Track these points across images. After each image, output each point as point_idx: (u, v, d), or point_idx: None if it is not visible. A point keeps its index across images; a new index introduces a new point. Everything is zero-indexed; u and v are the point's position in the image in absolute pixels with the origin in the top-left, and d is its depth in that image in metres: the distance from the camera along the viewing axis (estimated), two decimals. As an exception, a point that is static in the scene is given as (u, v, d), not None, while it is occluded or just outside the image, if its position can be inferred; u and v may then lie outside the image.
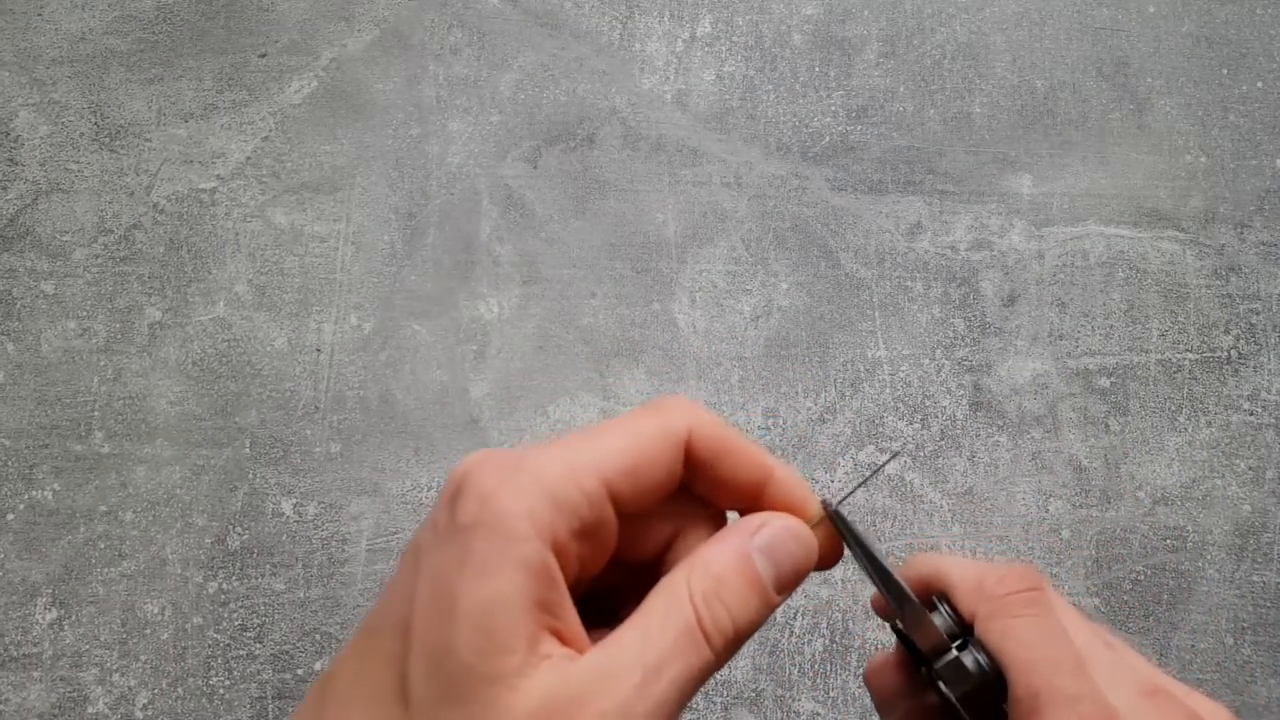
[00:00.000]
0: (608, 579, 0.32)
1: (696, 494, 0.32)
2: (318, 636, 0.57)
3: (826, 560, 0.34)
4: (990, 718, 0.38)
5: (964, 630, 0.39)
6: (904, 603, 0.37)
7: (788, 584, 0.31)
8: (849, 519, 0.36)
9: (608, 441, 0.30)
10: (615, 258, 0.63)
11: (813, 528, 0.33)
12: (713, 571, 0.30)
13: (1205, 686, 0.57)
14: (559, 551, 0.28)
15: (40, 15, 0.67)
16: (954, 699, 0.37)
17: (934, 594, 0.40)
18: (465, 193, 0.65)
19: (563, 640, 0.27)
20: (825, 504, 0.35)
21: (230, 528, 0.59)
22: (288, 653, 0.57)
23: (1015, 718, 0.37)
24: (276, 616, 0.57)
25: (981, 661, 0.38)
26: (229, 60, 0.67)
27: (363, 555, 0.58)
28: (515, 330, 0.62)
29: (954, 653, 0.37)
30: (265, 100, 0.66)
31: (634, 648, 0.28)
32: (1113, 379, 0.60)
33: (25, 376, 0.62)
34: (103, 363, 0.62)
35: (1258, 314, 0.61)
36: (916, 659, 0.39)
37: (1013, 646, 0.36)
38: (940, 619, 0.39)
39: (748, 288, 0.62)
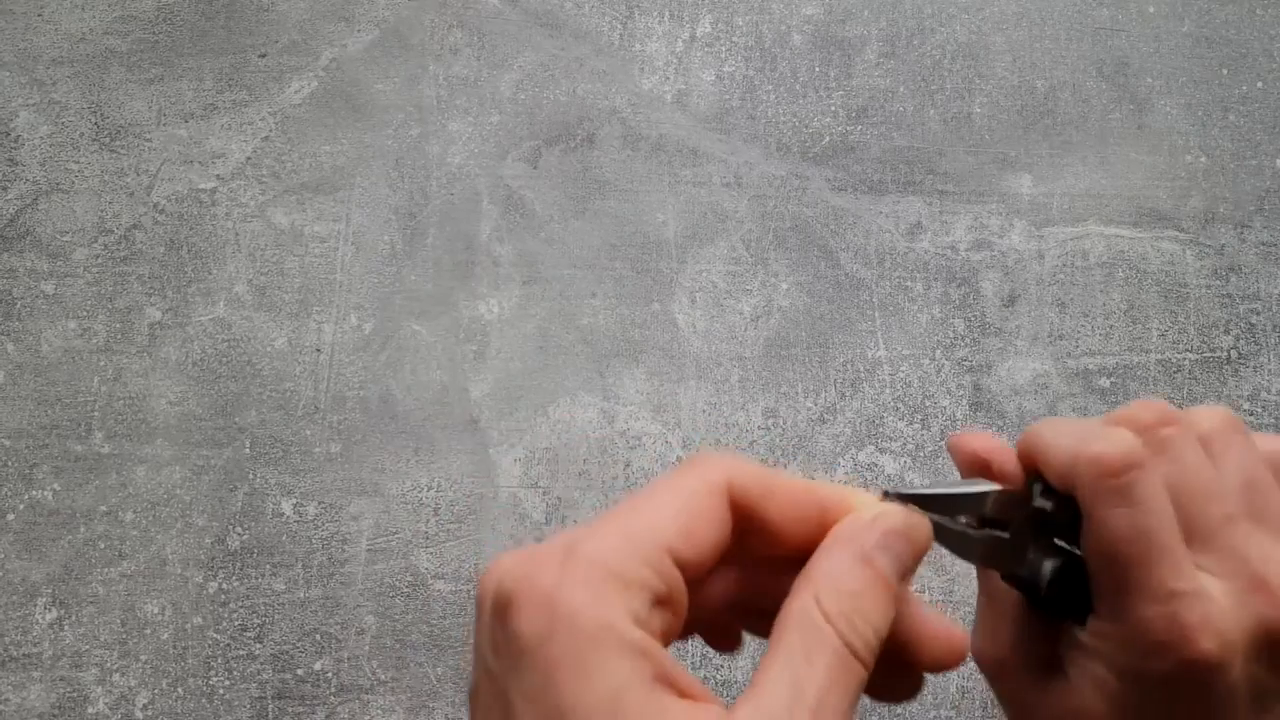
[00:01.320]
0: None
1: (753, 549, 0.31)
2: (318, 636, 0.57)
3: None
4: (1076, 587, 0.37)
5: (1065, 512, 0.37)
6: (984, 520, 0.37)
7: (910, 569, 0.30)
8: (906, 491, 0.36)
9: (656, 508, 0.29)
10: (615, 258, 0.63)
11: None
12: (844, 588, 0.29)
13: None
14: (645, 624, 0.27)
15: (41, 16, 0.67)
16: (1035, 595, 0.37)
17: (1031, 477, 0.38)
18: (465, 193, 0.65)
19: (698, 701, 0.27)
20: (885, 494, 0.35)
21: (230, 528, 0.59)
22: (287, 653, 0.57)
23: (1102, 613, 0.35)
24: (276, 616, 0.57)
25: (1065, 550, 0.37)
26: (229, 60, 0.67)
27: (363, 555, 0.58)
28: (515, 330, 0.62)
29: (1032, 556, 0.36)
30: (265, 100, 0.66)
31: (787, 689, 0.27)
32: (1113, 379, 0.60)
33: (25, 376, 0.62)
34: (103, 363, 0.62)
35: (1257, 314, 0.61)
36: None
37: (1095, 543, 0.35)
38: (1038, 503, 0.37)
39: (748, 288, 0.62)
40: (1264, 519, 0.36)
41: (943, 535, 0.37)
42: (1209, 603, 0.34)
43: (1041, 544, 0.38)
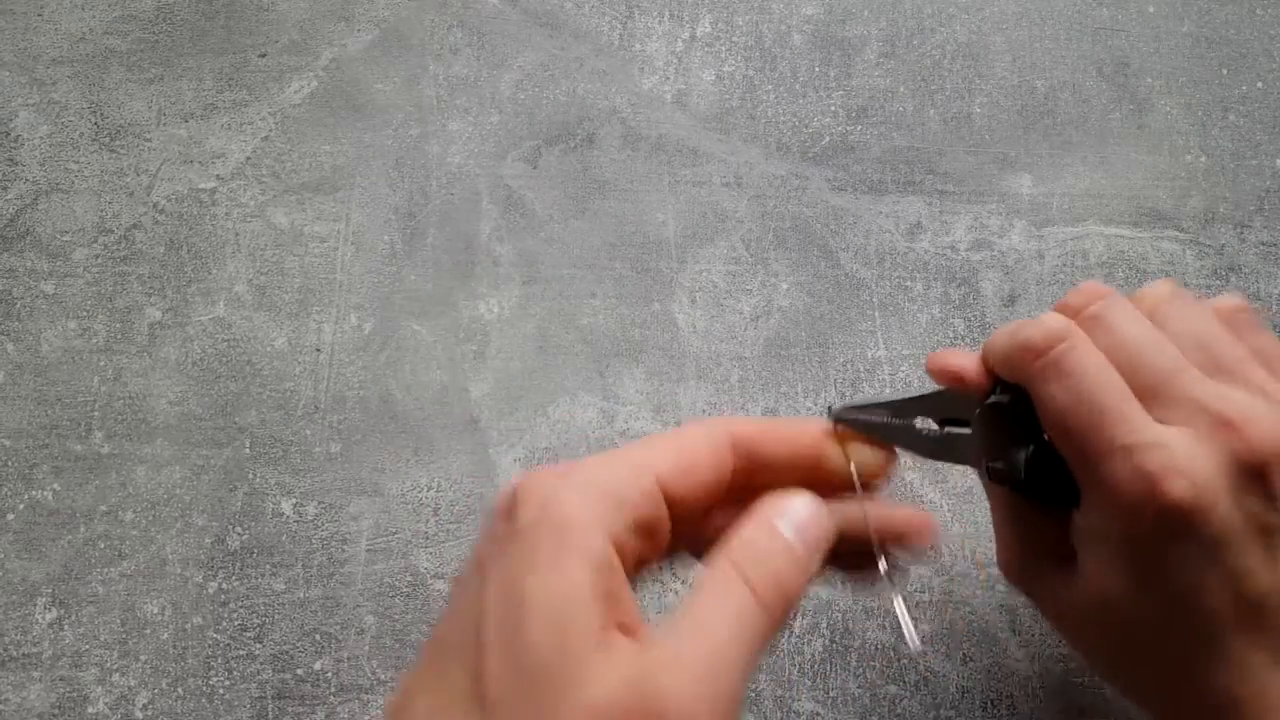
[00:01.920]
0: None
1: (758, 489, 0.34)
2: (318, 636, 0.57)
3: (878, 473, 0.36)
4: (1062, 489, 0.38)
5: (1024, 404, 0.39)
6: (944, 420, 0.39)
7: (813, 544, 0.32)
8: (852, 412, 0.38)
9: (658, 445, 0.32)
10: (615, 258, 0.63)
11: (836, 438, 0.36)
12: (746, 538, 0.31)
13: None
14: (618, 546, 0.29)
15: (40, 15, 0.67)
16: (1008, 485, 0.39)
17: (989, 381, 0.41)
18: (465, 193, 0.65)
19: (626, 631, 0.28)
20: (829, 409, 0.37)
21: (230, 528, 0.59)
22: (287, 653, 0.57)
23: (1082, 477, 0.36)
24: (276, 616, 0.57)
25: (1014, 463, 0.39)
26: (229, 60, 0.67)
27: (362, 555, 0.58)
28: (515, 330, 0.62)
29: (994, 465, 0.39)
30: (265, 100, 0.66)
31: (699, 630, 0.29)
32: (1113, 379, 0.60)
33: (25, 376, 0.62)
34: (103, 363, 0.62)
35: (1258, 314, 0.61)
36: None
37: (1049, 423, 0.37)
38: (995, 398, 0.39)
39: (748, 288, 0.62)
40: (1219, 368, 0.37)
41: (892, 434, 0.39)
42: (1169, 449, 0.35)
43: (1013, 435, 0.39)
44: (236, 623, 0.58)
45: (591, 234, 0.64)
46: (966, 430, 0.40)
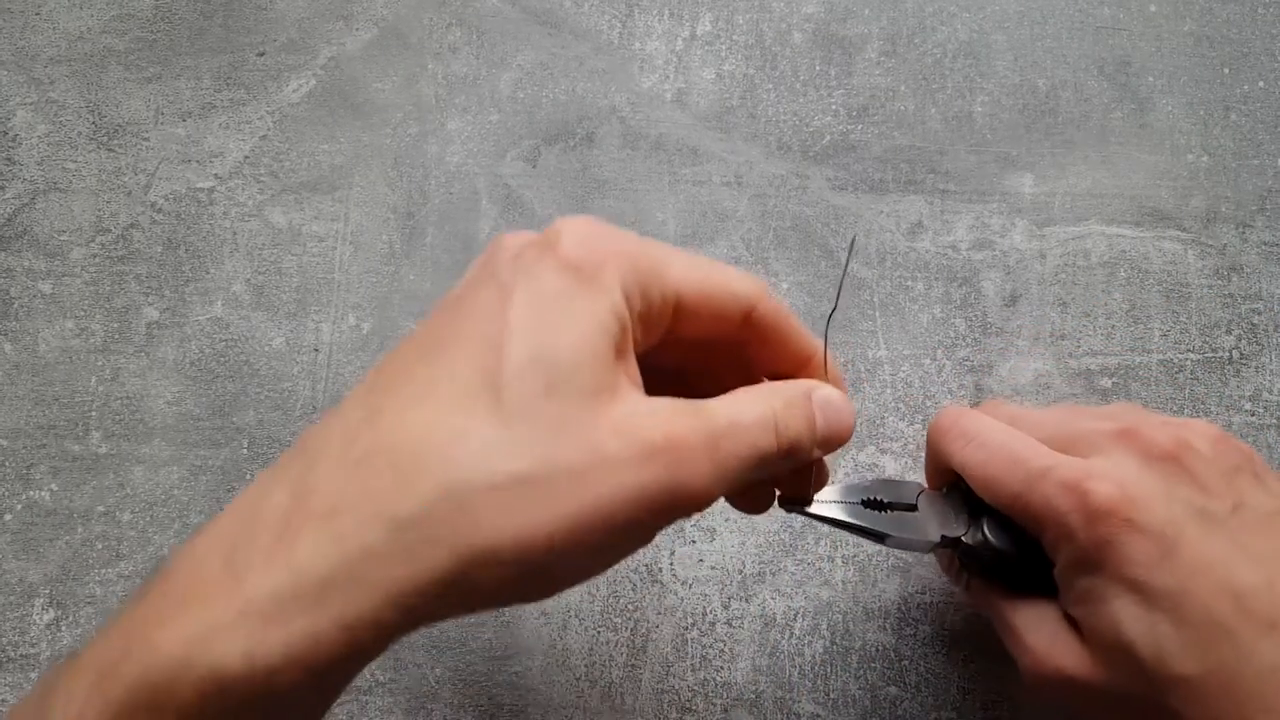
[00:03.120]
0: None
1: (746, 355, 0.36)
2: (316, 638, 0.57)
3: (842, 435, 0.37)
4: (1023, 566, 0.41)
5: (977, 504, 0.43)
6: (863, 535, 0.43)
7: (829, 438, 0.35)
8: (795, 508, 0.42)
9: (696, 262, 0.33)
10: (615, 257, 0.63)
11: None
12: (787, 393, 0.33)
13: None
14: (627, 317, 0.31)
15: (38, 14, 0.67)
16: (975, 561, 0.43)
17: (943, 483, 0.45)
18: (464, 192, 0.65)
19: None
20: (780, 500, 0.42)
21: (228, 528, 0.59)
22: (286, 654, 0.57)
23: (1027, 524, 0.39)
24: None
25: (985, 542, 0.42)
26: (227, 59, 0.67)
27: (361, 556, 0.58)
28: (514, 330, 0.62)
29: (964, 540, 0.42)
30: (263, 99, 0.66)
31: (726, 408, 0.31)
32: (1115, 379, 0.60)
33: (22, 376, 0.61)
34: (100, 363, 0.62)
35: (1259, 314, 0.61)
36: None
37: (975, 481, 0.41)
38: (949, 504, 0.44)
39: (748, 287, 0.62)
40: (1086, 435, 0.39)
41: (851, 530, 0.42)
42: (1084, 463, 0.37)
43: (966, 513, 0.42)
44: (234, 624, 0.57)
45: (591, 233, 0.63)
46: (914, 512, 0.44)
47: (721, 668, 0.56)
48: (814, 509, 0.41)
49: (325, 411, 0.31)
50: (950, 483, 0.44)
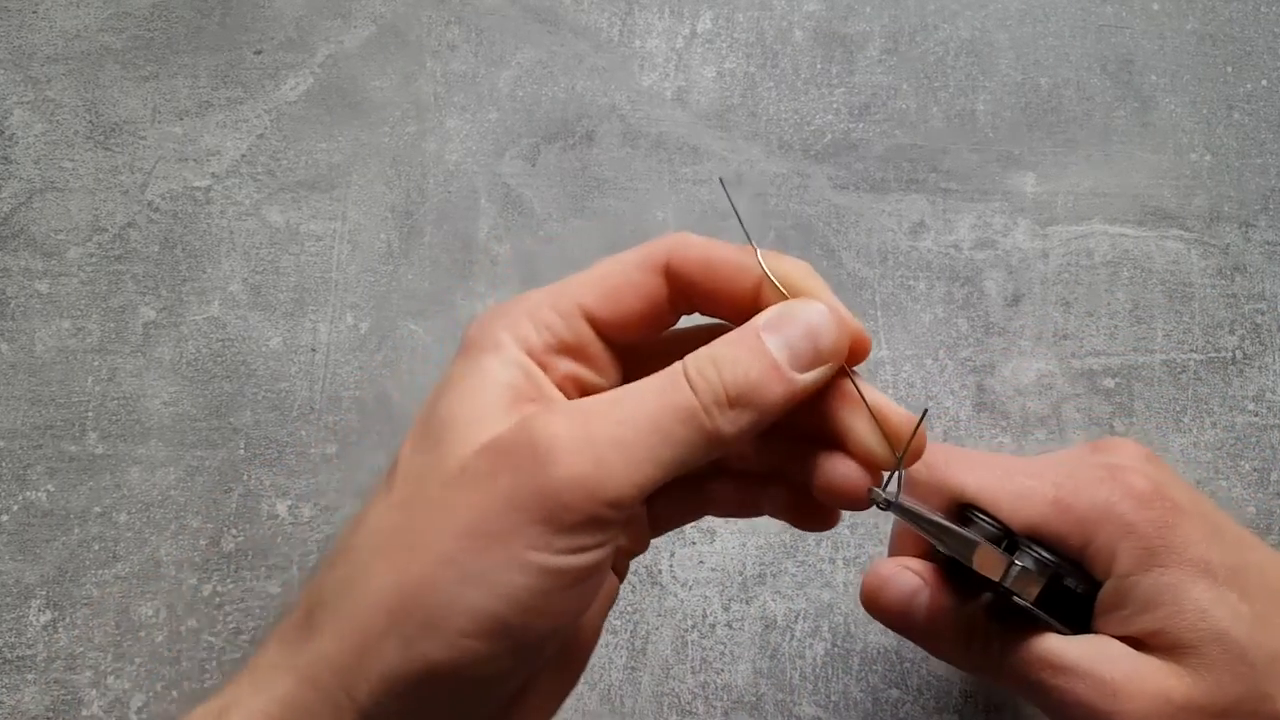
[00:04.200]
0: None
1: (707, 313, 0.33)
2: (313, 640, 0.56)
3: (860, 351, 0.33)
4: (1064, 607, 0.36)
5: (1005, 532, 0.37)
6: (950, 538, 0.35)
7: (804, 356, 0.29)
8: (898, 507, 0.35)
9: (586, 275, 0.32)
10: (614, 257, 0.62)
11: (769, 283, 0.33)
12: (719, 342, 0.29)
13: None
14: (541, 363, 0.30)
15: (35, 13, 0.67)
16: (1031, 604, 0.35)
17: (961, 506, 0.39)
18: (463, 191, 0.64)
19: None
20: (881, 506, 0.34)
21: (225, 530, 0.59)
22: (283, 656, 0.56)
23: (1066, 537, 0.35)
24: (272, 619, 0.57)
25: (1040, 557, 0.36)
26: (224, 57, 0.66)
27: (359, 557, 0.58)
28: (513, 330, 0.61)
29: (1017, 563, 0.35)
30: (261, 98, 0.66)
31: (613, 397, 0.28)
32: (1117, 379, 0.59)
33: (19, 376, 0.61)
34: (97, 363, 0.61)
35: (1262, 314, 0.61)
36: (966, 579, 0.37)
37: (993, 498, 0.36)
38: (981, 529, 0.37)
39: (748, 287, 0.62)
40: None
41: (942, 535, 0.36)
42: (1103, 458, 0.35)
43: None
44: (231, 626, 0.57)
45: (591, 233, 0.63)
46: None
47: (722, 670, 0.56)
48: (910, 506, 0.35)
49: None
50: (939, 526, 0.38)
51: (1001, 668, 0.36)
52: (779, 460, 0.34)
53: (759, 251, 0.33)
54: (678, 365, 0.28)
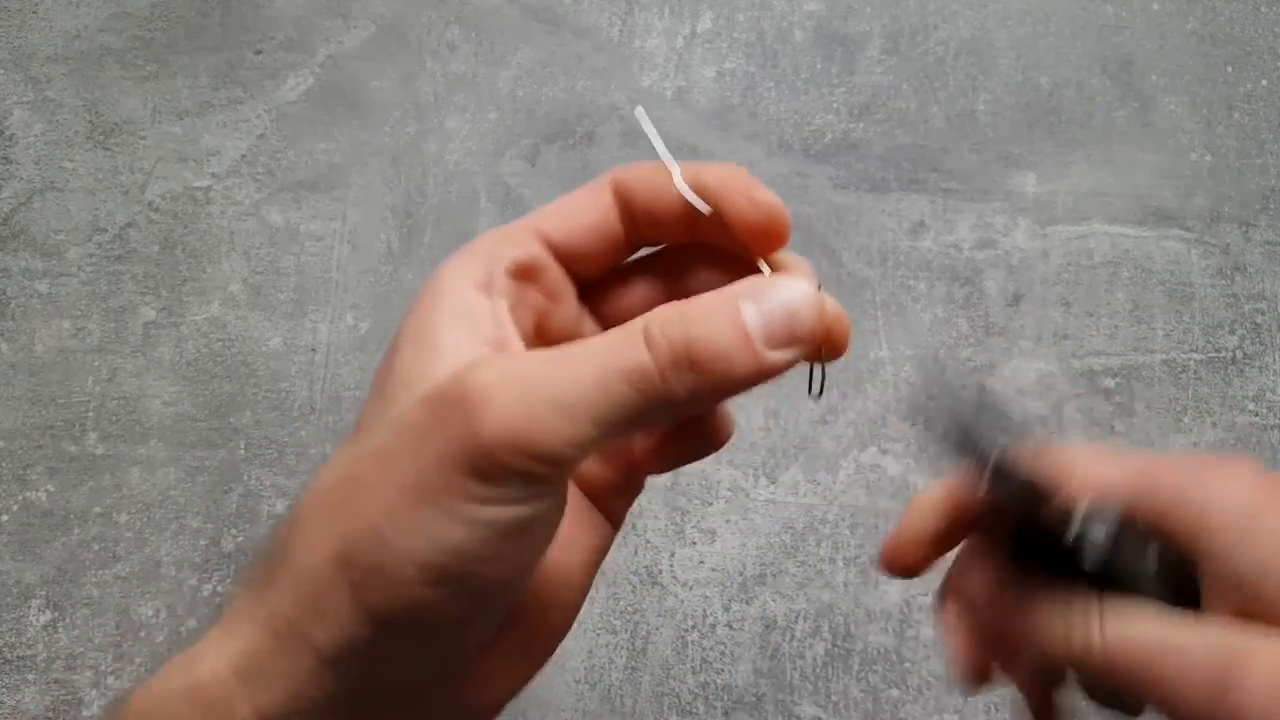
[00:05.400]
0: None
1: (652, 238, 0.32)
2: (314, 640, 0.56)
3: (840, 341, 0.31)
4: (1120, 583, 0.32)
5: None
6: (1006, 476, 0.32)
7: (779, 335, 0.28)
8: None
9: (544, 208, 0.32)
10: (615, 257, 0.63)
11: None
12: (692, 302, 0.28)
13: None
14: (490, 286, 0.30)
15: (35, 13, 0.67)
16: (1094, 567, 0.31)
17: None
18: (463, 191, 0.64)
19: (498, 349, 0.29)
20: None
21: (225, 530, 0.59)
22: (283, 656, 0.56)
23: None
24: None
25: (1107, 528, 0.32)
26: (224, 57, 0.66)
27: (359, 558, 0.58)
28: (513, 330, 0.61)
29: (1079, 525, 0.31)
30: (261, 98, 0.66)
31: (560, 353, 0.27)
32: (1118, 379, 0.59)
33: (19, 377, 0.61)
34: (97, 363, 0.61)
35: (1263, 314, 0.61)
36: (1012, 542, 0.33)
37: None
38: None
39: (748, 287, 0.62)
40: None
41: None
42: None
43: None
44: (232, 626, 0.57)
45: (591, 233, 0.63)
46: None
47: (722, 670, 0.56)
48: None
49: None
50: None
51: (1103, 649, 0.32)
52: None
53: (677, 169, 0.31)
54: (638, 321, 0.27)
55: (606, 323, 0.33)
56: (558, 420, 0.25)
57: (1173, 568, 0.32)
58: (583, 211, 0.31)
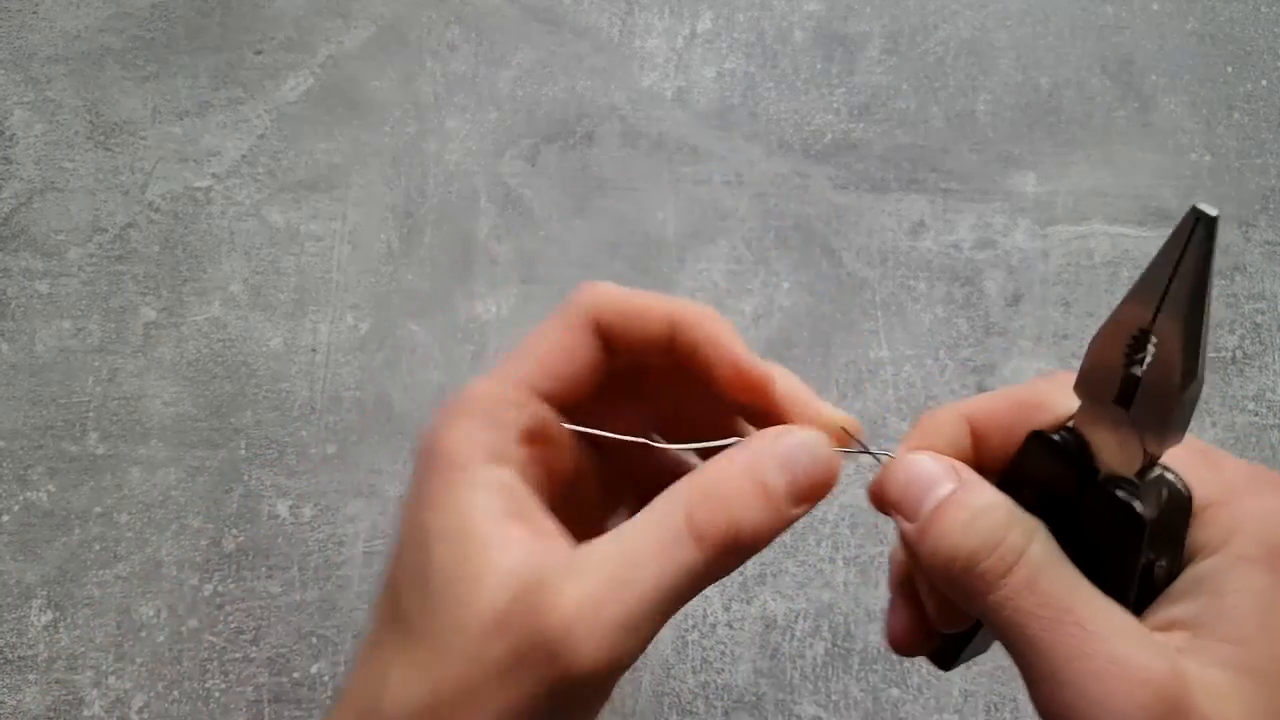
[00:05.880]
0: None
1: (626, 356, 0.32)
2: (314, 639, 0.56)
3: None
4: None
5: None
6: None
7: (803, 494, 0.29)
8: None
9: (524, 350, 0.31)
10: (615, 257, 0.62)
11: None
12: (710, 474, 0.28)
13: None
14: (509, 461, 0.29)
15: (35, 13, 0.67)
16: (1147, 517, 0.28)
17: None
18: (463, 191, 0.64)
19: (540, 538, 0.28)
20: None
21: (225, 530, 0.59)
22: (284, 656, 0.56)
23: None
24: (272, 619, 0.57)
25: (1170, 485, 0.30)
26: (224, 57, 0.66)
27: (359, 557, 0.58)
28: (514, 330, 0.61)
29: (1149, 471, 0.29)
30: (261, 98, 0.66)
31: (613, 544, 0.27)
32: (1117, 379, 0.59)
33: (20, 377, 0.61)
34: (97, 363, 0.61)
35: (1263, 314, 0.61)
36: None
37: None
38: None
39: (749, 287, 0.62)
40: None
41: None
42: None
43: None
44: (232, 625, 0.57)
45: (591, 233, 0.63)
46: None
47: (722, 670, 0.56)
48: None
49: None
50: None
51: (1029, 580, 0.29)
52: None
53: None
54: (676, 512, 0.27)
55: (597, 451, 0.34)
56: (632, 642, 0.26)
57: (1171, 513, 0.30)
58: (568, 359, 0.31)
